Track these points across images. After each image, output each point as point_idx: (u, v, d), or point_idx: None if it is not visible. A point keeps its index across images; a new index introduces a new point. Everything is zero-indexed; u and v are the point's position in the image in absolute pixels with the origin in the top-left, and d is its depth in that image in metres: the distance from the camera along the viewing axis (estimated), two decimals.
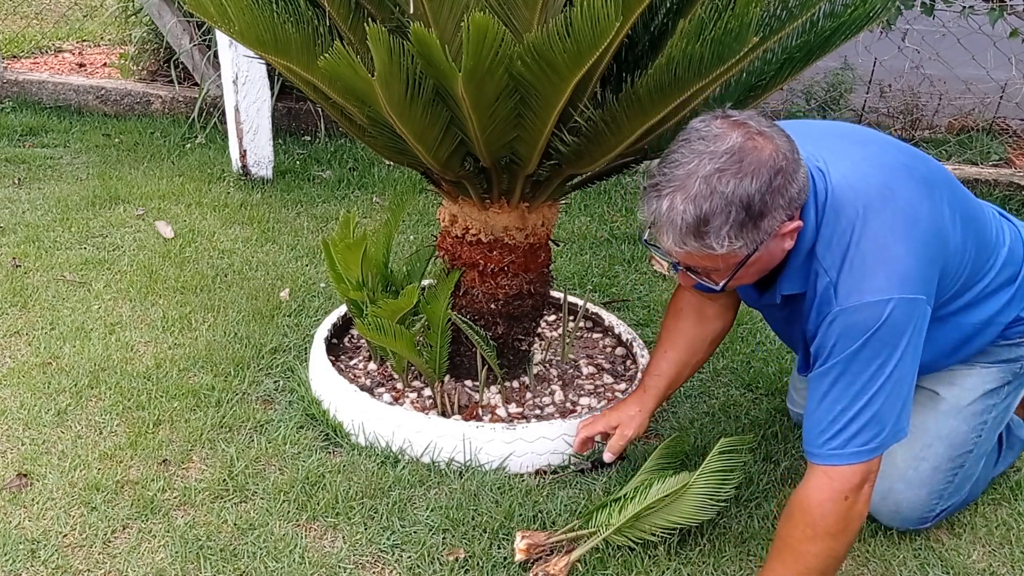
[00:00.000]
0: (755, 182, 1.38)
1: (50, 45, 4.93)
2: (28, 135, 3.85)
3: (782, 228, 1.44)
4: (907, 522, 1.83)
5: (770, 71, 1.74)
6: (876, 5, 1.63)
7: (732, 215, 1.38)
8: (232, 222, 3.11)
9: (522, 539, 1.73)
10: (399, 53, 1.50)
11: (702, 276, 1.53)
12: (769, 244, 1.45)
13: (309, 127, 4.00)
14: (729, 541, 1.81)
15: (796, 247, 1.52)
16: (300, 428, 2.07)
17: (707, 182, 1.37)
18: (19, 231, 2.93)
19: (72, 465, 1.91)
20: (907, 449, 1.79)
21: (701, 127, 1.42)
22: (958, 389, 1.81)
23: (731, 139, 1.39)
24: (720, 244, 1.40)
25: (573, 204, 3.39)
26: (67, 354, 2.29)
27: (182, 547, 1.71)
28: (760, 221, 1.40)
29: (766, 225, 1.41)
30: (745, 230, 1.40)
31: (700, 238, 1.40)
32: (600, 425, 1.92)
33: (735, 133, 1.39)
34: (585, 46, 1.46)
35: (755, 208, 1.39)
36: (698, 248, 1.42)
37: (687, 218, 1.39)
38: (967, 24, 3.65)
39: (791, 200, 1.42)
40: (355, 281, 2.09)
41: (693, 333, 1.91)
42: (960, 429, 1.81)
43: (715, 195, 1.37)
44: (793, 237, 1.49)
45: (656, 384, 1.92)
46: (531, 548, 1.72)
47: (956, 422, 1.81)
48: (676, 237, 1.42)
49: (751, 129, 1.40)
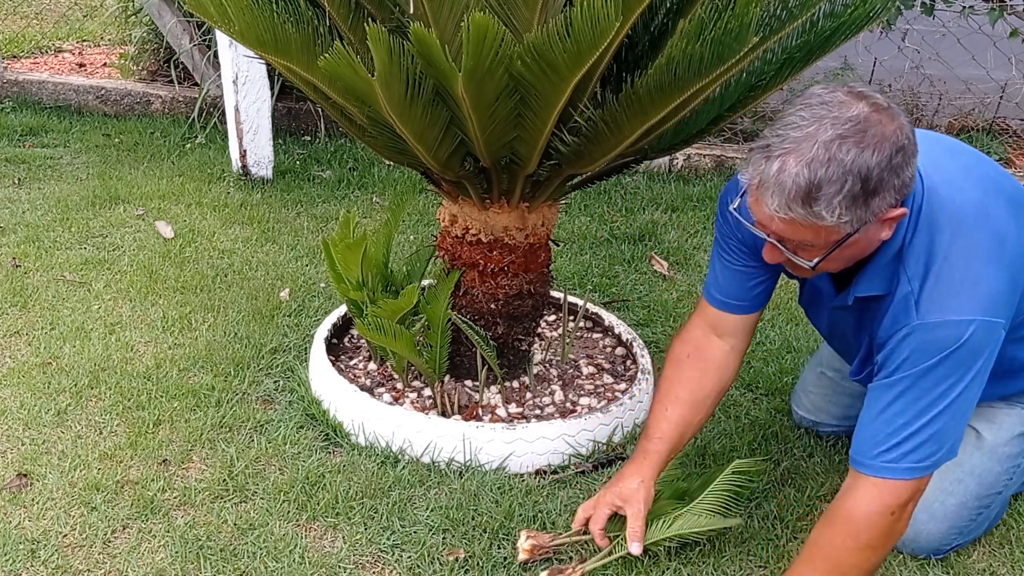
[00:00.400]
0: (876, 155, 1.31)
1: (50, 45, 4.93)
2: (28, 135, 3.84)
3: (887, 212, 1.38)
4: (920, 551, 1.80)
5: (770, 71, 1.74)
6: (876, 5, 1.63)
7: (847, 186, 1.31)
8: (232, 222, 3.11)
9: (526, 539, 1.73)
10: (399, 53, 1.50)
11: (793, 251, 1.44)
12: (870, 228, 1.39)
13: (309, 127, 4.00)
14: (729, 541, 1.81)
15: (884, 246, 1.47)
16: (300, 428, 2.07)
17: (826, 148, 1.31)
18: (19, 231, 2.93)
19: (72, 465, 1.91)
20: (937, 481, 1.75)
21: (824, 93, 1.36)
22: (996, 428, 1.79)
23: (856, 108, 1.32)
24: (830, 214, 1.33)
25: (573, 204, 3.39)
26: (67, 354, 2.29)
27: (182, 547, 1.71)
28: (871, 199, 1.34)
29: (875, 205, 1.35)
30: (856, 205, 1.33)
31: (808, 205, 1.33)
32: (604, 509, 1.72)
33: (861, 103, 1.33)
34: (585, 46, 1.46)
35: (871, 183, 1.32)
36: (803, 216, 1.34)
37: (799, 182, 1.32)
38: (967, 24, 3.65)
39: (903, 184, 1.36)
40: (355, 281, 2.09)
41: (696, 385, 1.77)
42: (993, 469, 1.78)
43: (833, 162, 1.30)
44: (892, 227, 1.43)
45: (657, 449, 1.74)
46: (535, 549, 1.72)
47: (991, 462, 1.78)
48: (782, 201, 1.34)
49: (877, 102, 1.34)
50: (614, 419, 2.06)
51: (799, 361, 2.43)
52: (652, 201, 3.48)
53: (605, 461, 2.01)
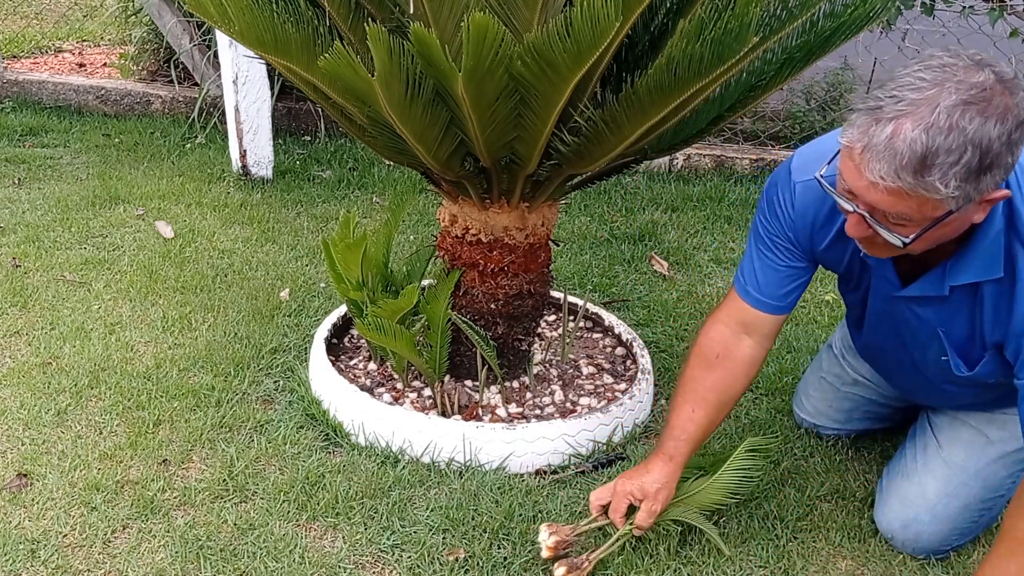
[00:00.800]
0: (998, 127, 1.21)
1: (50, 45, 4.93)
2: (28, 135, 3.85)
3: (991, 192, 1.28)
4: (921, 551, 1.80)
5: (770, 71, 1.74)
6: (876, 5, 1.63)
7: (965, 157, 1.21)
8: (232, 222, 3.11)
9: (550, 535, 1.69)
10: (399, 53, 1.50)
11: (887, 224, 1.33)
12: (970, 208, 1.29)
13: (309, 127, 4.00)
14: (729, 541, 1.81)
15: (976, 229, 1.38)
16: (300, 428, 2.07)
17: (948, 113, 1.20)
18: (19, 231, 2.93)
19: (72, 465, 1.91)
20: (941, 484, 1.77)
21: (945, 56, 1.25)
22: (1007, 435, 1.77)
23: (983, 74, 1.22)
24: (944, 186, 1.22)
25: (573, 204, 3.39)
26: (67, 354, 2.29)
27: (182, 547, 1.71)
28: (984, 175, 1.24)
29: (985, 182, 1.25)
30: (969, 179, 1.23)
31: (921, 175, 1.22)
32: (624, 500, 1.71)
33: (986, 70, 1.23)
34: (585, 46, 1.46)
35: (988, 157, 1.22)
36: (912, 185, 1.24)
37: (915, 148, 1.21)
38: (967, 24, 3.65)
39: (1011, 165, 1.26)
40: (355, 281, 2.09)
41: (725, 387, 1.73)
42: (999, 474, 1.77)
43: (954, 131, 1.20)
44: (987, 209, 1.34)
45: (682, 452, 1.71)
46: (559, 545, 1.69)
47: (997, 467, 1.77)
48: (891, 168, 1.23)
49: (1002, 72, 1.24)
50: (614, 419, 2.06)
51: (799, 361, 2.43)
52: (652, 201, 3.48)
53: (605, 461, 2.01)
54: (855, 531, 1.87)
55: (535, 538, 1.74)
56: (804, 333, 2.56)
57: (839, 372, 2.07)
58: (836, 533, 1.86)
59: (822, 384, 2.11)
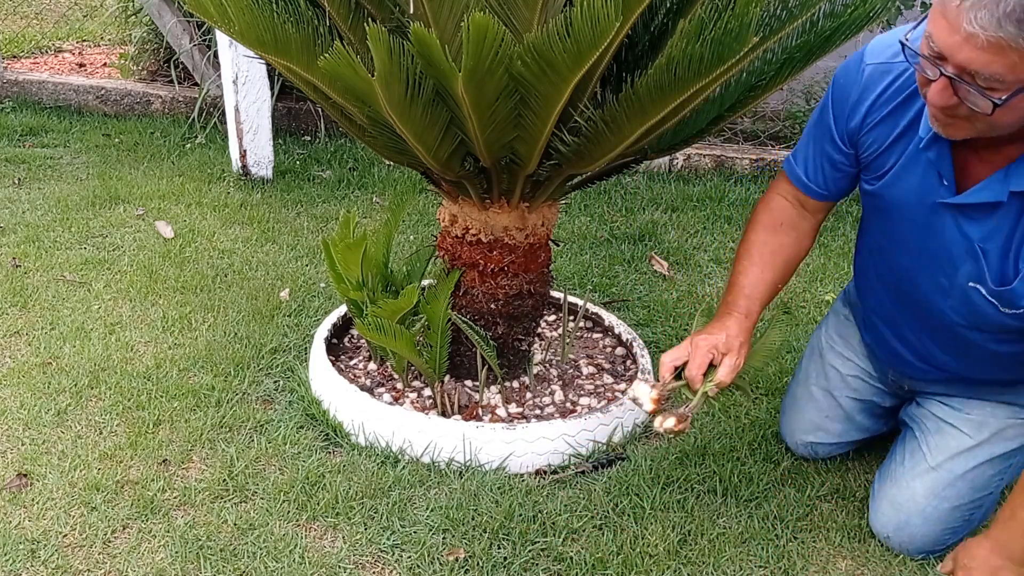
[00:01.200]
0: None
1: (50, 45, 4.93)
2: (28, 135, 3.85)
3: None
4: (917, 552, 1.80)
5: (770, 71, 1.74)
6: (876, 5, 1.63)
7: None
8: (232, 222, 3.11)
9: (651, 388, 1.68)
10: (399, 53, 1.50)
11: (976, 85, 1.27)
12: None
13: (309, 127, 4.00)
14: (729, 541, 1.81)
15: None
16: (300, 428, 2.07)
17: None
18: (19, 231, 2.93)
19: (72, 465, 1.91)
20: (930, 485, 1.77)
21: None
22: (998, 439, 1.78)
23: None
24: None
25: (573, 204, 3.39)
26: (67, 354, 2.29)
27: (182, 547, 1.71)
28: None
29: None
30: None
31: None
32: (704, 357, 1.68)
33: None
34: (585, 46, 1.46)
35: None
36: (1014, 35, 1.19)
37: None
38: None
39: None
40: (355, 281, 2.09)
41: (790, 252, 1.78)
42: (986, 472, 1.78)
43: None
44: None
45: (755, 310, 1.73)
46: (662, 398, 1.69)
47: (984, 466, 1.78)
48: (993, 16, 1.18)
49: None
50: (614, 419, 2.06)
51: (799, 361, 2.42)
52: (652, 201, 3.48)
53: (605, 461, 2.01)
54: (855, 531, 1.87)
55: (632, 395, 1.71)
56: (804, 333, 2.56)
57: (826, 385, 2.02)
58: (836, 533, 1.86)
59: (813, 395, 2.04)
